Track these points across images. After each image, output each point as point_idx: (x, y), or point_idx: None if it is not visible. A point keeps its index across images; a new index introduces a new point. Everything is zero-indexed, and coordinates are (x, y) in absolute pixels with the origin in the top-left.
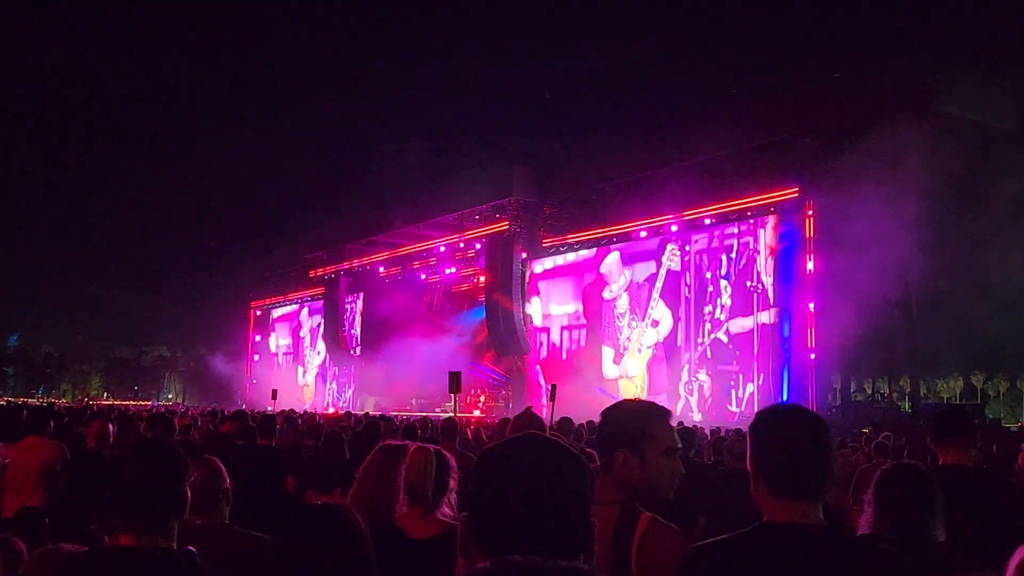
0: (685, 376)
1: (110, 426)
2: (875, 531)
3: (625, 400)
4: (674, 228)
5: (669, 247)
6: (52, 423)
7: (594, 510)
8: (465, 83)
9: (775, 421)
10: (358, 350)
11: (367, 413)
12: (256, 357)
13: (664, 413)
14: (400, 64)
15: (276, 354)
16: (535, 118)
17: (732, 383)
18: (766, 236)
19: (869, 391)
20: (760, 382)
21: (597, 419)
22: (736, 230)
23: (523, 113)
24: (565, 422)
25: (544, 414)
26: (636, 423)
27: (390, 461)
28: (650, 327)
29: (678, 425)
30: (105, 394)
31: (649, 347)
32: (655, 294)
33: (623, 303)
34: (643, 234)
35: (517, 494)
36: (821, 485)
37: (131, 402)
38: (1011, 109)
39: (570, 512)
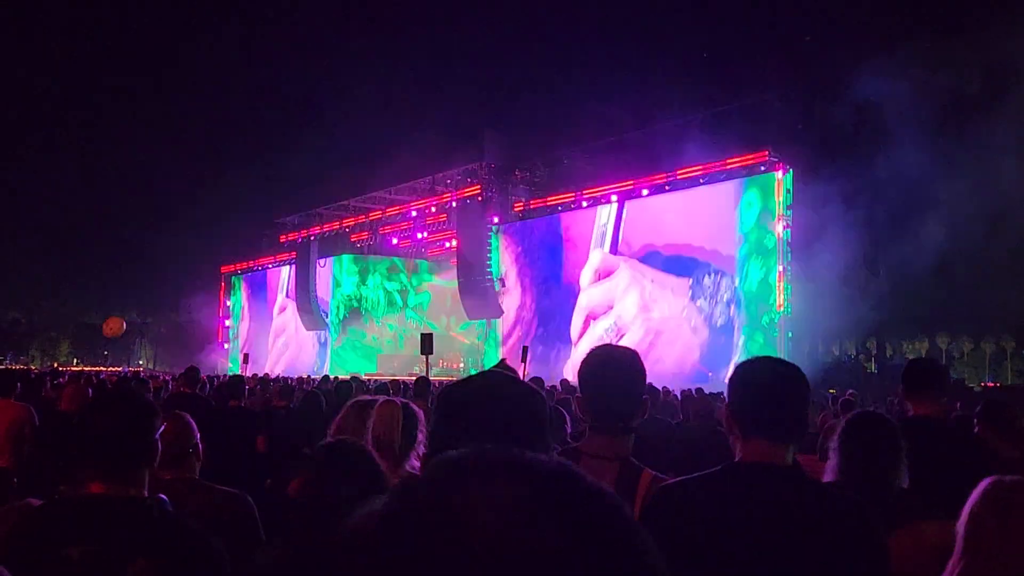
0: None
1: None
2: (838, 477)
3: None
4: (645, 192)
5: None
6: (19, 385)
7: (590, 463)
8: (437, 46)
9: (751, 370)
10: (328, 316)
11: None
12: (227, 323)
13: None
14: (372, 27)
15: (246, 319)
16: (507, 82)
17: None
18: (737, 200)
19: (836, 352)
20: (739, 341)
21: (571, 378)
22: (707, 194)
23: (495, 77)
24: (537, 381)
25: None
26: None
27: (359, 415)
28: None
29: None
30: (75, 360)
31: (618, 311)
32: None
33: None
34: (613, 197)
35: (474, 422)
36: (793, 429)
37: (101, 368)
38: (976, 72)
39: (526, 439)
